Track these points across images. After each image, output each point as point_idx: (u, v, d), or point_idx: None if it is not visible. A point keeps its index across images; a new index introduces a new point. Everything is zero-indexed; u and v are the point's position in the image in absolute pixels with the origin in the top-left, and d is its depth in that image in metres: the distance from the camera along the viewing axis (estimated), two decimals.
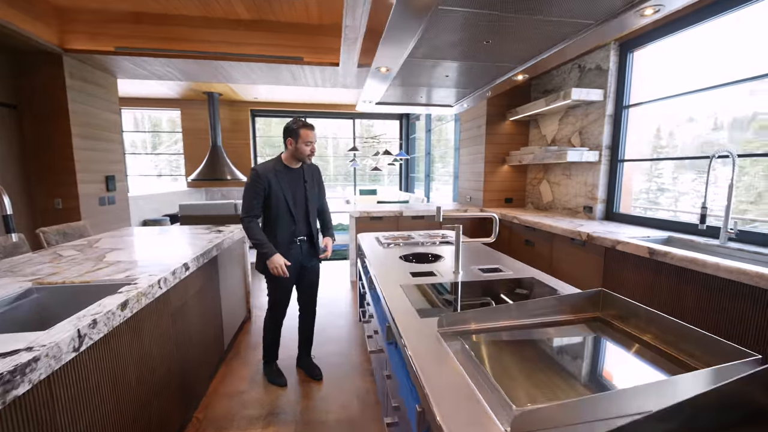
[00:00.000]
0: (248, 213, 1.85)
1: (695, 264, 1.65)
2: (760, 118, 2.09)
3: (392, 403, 1.11)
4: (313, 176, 2.04)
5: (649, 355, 0.88)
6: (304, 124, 1.84)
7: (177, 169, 9.61)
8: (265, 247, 1.84)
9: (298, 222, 1.94)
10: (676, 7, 1.08)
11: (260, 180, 1.83)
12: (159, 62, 3.33)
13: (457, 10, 1.14)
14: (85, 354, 0.97)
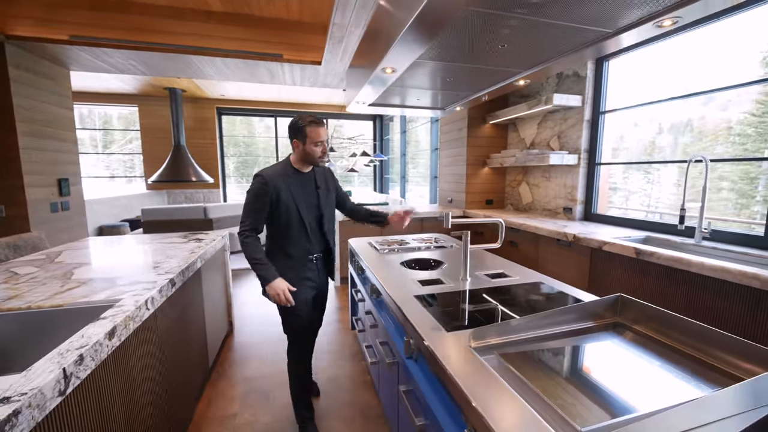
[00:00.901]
0: (249, 227, 1.52)
1: (681, 263, 1.74)
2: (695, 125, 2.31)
3: (417, 422, 1.06)
4: (327, 180, 1.76)
5: (677, 358, 0.90)
6: (312, 120, 1.54)
7: (131, 170, 8.92)
8: (263, 268, 1.50)
9: (312, 236, 1.64)
10: (693, 19, 1.12)
11: (268, 188, 1.51)
12: (121, 54, 3.04)
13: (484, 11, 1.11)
14: (71, 397, 0.83)
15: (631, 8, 1.09)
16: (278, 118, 8.16)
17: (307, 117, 1.56)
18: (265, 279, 1.50)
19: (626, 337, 1.02)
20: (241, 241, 1.52)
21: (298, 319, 1.66)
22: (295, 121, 1.57)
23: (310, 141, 1.54)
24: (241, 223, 1.55)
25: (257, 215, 1.54)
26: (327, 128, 1.53)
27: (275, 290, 1.48)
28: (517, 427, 0.65)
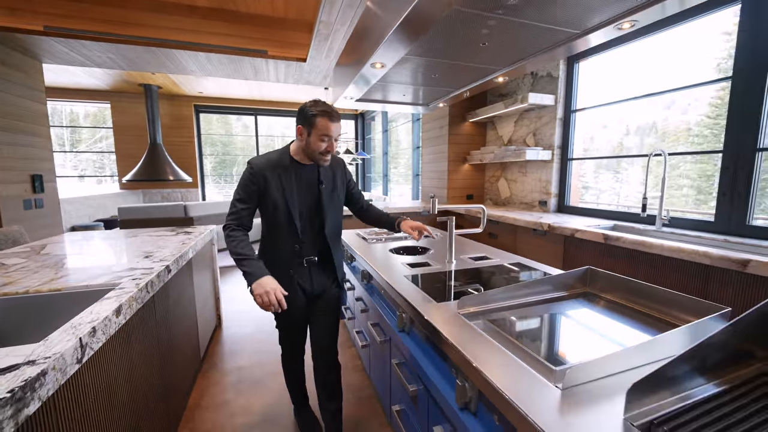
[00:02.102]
0: (233, 220, 1.37)
1: (643, 246, 1.91)
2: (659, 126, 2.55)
3: (410, 389, 1.14)
4: (335, 175, 1.51)
5: (638, 317, 1.03)
6: (325, 110, 1.31)
7: (101, 169, 8.59)
8: (247, 263, 1.30)
9: (304, 237, 1.44)
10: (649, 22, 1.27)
11: (255, 178, 1.35)
12: (100, 47, 2.98)
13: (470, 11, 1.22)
14: (84, 367, 0.86)
15: (594, 12, 1.24)
16: (259, 116, 8.08)
17: (322, 105, 1.33)
18: (252, 275, 1.29)
19: (595, 303, 1.15)
20: (225, 235, 1.37)
21: (286, 325, 1.54)
22: (306, 106, 1.34)
23: (317, 133, 1.32)
24: (227, 217, 1.40)
25: (243, 208, 1.37)
26: (340, 125, 1.37)
27: (263, 288, 1.25)
28: (503, 370, 0.75)
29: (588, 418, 0.60)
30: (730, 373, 0.72)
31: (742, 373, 0.72)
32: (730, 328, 0.68)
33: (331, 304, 1.54)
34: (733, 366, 0.73)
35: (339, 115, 1.36)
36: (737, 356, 0.74)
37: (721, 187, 2.11)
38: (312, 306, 1.53)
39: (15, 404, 0.60)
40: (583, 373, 0.69)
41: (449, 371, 0.95)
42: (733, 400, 0.64)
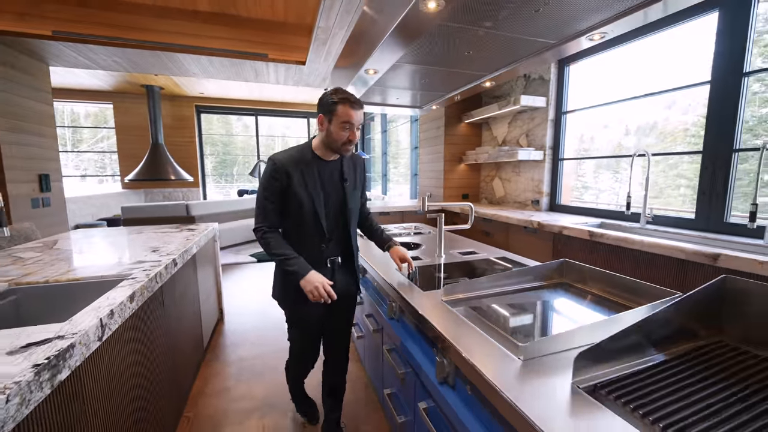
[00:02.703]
0: (261, 222, 1.33)
1: (625, 242, 2.01)
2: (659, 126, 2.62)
3: (398, 371, 1.24)
4: (356, 173, 1.48)
5: (603, 302, 1.13)
6: (346, 97, 1.26)
7: (102, 169, 8.71)
8: (292, 263, 1.29)
9: (330, 236, 1.39)
10: (617, 34, 1.37)
11: (278, 174, 1.30)
12: (106, 51, 3.08)
13: (451, 25, 1.32)
14: (104, 345, 0.96)
15: (567, 26, 1.33)
16: (259, 116, 8.18)
17: (342, 92, 1.28)
18: (298, 273, 1.28)
19: (569, 291, 1.25)
20: (259, 238, 1.34)
21: (305, 333, 1.49)
22: (326, 94, 1.30)
23: (338, 120, 1.26)
24: (255, 219, 1.36)
25: (270, 207, 1.33)
26: (362, 113, 1.33)
27: (312, 284, 1.26)
28: (476, 348, 0.85)
29: (543, 382, 0.70)
30: (674, 348, 0.82)
31: (684, 348, 0.82)
32: (671, 308, 0.78)
33: (350, 304, 1.54)
34: (677, 342, 0.83)
35: (361, 102, 1.30)
36: (682, 333, 0.84)
37: (701, 186, 2.20)
38: (332, 305, 1.45)
39: (51, 369, 0.71)
40: (541, 346, 0.79)
41: (432, 351, 1.05)
42: (669, 369, 0.73)
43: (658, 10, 1.48)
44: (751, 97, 2.03)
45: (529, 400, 0.65)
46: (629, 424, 0.58)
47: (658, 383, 0.69)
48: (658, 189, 2.74)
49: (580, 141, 3.29)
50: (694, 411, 0.61)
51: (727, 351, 0.80)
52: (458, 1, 1.12)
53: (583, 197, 3.31)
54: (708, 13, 2.09)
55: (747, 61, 1.96)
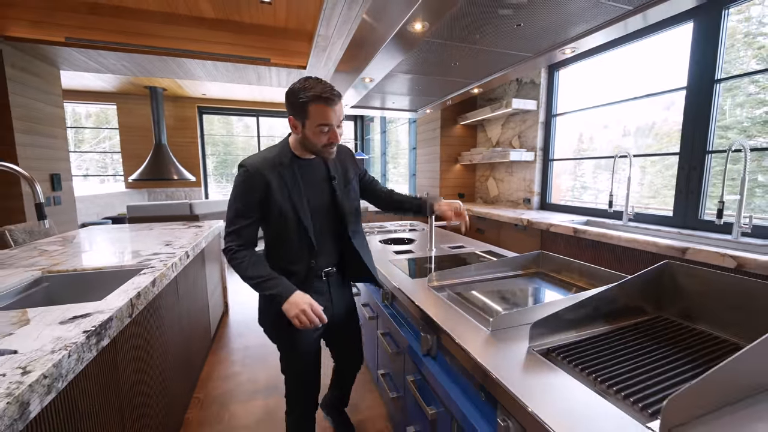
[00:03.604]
0: (235, 240, 1.13)
1: (606, 238, 2.15)
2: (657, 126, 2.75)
3: (390, 350, 1.39)
4: (346, 166, 1.31)
5: (570, 287, 1.27)
6: (318, 95, 1.05)
7: (104, 169, 8.86)
8: (272, 284, 1.10)
9: (320, 246, 1.21)
10: (586, 48, 1.51)
11: (253, 182, 1.11)
12: (115, 56, 3.22)
13: (437, 41, 1.46)
14: (133, 322, 1.11)
15: (541, 40, 1.48)
16: (260, 117, 8.32)
17: (313, 86, 1.06)
18: (280, 296, 1.09)
19: (543, 279, 1.39)
20: (228, 259, 1.13)
21: (301, 365, 1.26)
22: (294, 90, 1.09)
23: (313, 123, 1.08)
24: (224, 237, 1.15)
25: (245, 224, 1.12)
26: (341, 105, 1.13)
27: (298, 307, 1.07)
28: (454, 322, 0.99)
29: (506, 347, 0.84)
30: (620, 321, 0.96)
31: (628, 322, 0.96)
32: (616, 288, 0.93)
33: (356, 324, 1.42)
34: (624, 316, 0.97)
35: (338, 94, 1.08)
36: (628, 310, 0.98)
37: (678, 186, 2.35)
38: (334, 328, 1.33)
39: (96, 336, 0.85)
40: (507, 319, 0.93)
41: (418, 329, 1.19)
42: (612, 337, 0.88)
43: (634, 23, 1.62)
44: (746, 99, 2.15)
45: (493, 361, 0.79)
46: (572, 378, 0.72)
47: (600, 348, 0.83)
48: (655, 189, 2.86)
49: (579, 141, 3.42)
50: (627, 369, 0.75)
51: (665, 324, 0.94)
52: (442, 23, 1.26)
53: (582, 197, 3.43)
54: (685, 23, 2.23)
55: (718, 68, 2.10)
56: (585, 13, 1.32)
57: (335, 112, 1.10)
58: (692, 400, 0.58)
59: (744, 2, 1.98)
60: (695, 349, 0.82)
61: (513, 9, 1.25)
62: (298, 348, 1.24)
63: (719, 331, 0.89)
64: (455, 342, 0.88)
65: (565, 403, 0.64)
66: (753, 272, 1.45)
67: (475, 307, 1.04)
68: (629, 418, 0.60)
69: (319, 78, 1.11)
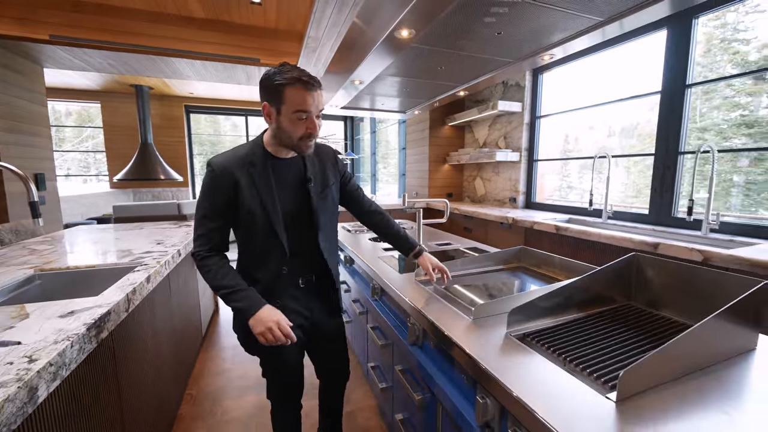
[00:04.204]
0: (203, 244, 1.06)
1: (585, 234, 2.26)
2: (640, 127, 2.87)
3: (380, 343, 1.44)
4: (325, 169, 1.21)
5: (549, 280, 1.35)
6: (295, 77, 0.98)
7: (86, 168, 8.70)
8: (239, 296, 1.03)
9: (295, 252, 1.13)
10: (564, 55, 1.60)
11: (220, 182, 1.04)
12: (102, 54, 3.20)
13: (424, 47, 1.53)
14: (129, 317, 1.14)
15: (521, 47, 1.56)
16: (249, 117, 8.28)
17: (290, 70, 0.99)
18: (246, 311, 1.02)
19: (524, 272, 1.47)
20: (197, 265, 1.07)
21: (282, 371, 1.22)
22: (269, 74, 1.01)
23: (289, 109, 1.00)
24: (193, 241, 1.08)
25: (211, 226, 1.06)
26: (321, 95, 1.05)
27: (264, 324, 0.99)
28: (437, 313, 1.05)
29: (486, 333, 0.91)
30: (591, 309, 1.04)
31: (599, 309, 1.04)
32: (588, 278, 1.01)
33: (339, 332, 1.33)
34: (595, 305, 1.05)
35: (317, 81, 1.02)
36: (599, 299, 1.06)
37: (653, 184, 2.47)
38: (314, 338, 1.26)
39: (96, 328, 0.88)
40: (487, 308, 1.00)
41: (405, 320, 1.25)
42: (583, 323, 0.95)
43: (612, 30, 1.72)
44: (722, 101, 2.26)
45: (473, 346, 0.85)
46: (545, 359, 0.79)
47: (572, 332, 0.90)
48: (638, 189, 2.98)
49: (565, 142, 3.54)
50: (594, 350, 0.83)
51: (632, 312, 1.03)
52: (427, 31, 1.33)
53: (569, 196, 3.54)
54: (660, 30, 2.35)
55: (690, 74, 2.22)
56: (560, 23, 1.40)
57: (314, 99, 1.01)
58: (643, 373, 0.65)
59: (713, 12, 2.11)
60: (656, 332, 0.90)
61: (494, 18, 1.32)
62: (275, 361, 1.20)
63: (680, 317, 0.98)
64: (439, 330, 0.95)
65: (536, 381, 0.71)
66: (717, 265, 1.56)
67: (459, 299, 1.11)
68: (592, 390, 0.67)
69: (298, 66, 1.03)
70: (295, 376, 1.26)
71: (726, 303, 0.74)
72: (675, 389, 0.67)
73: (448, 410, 0.94)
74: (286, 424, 1.31)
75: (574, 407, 0.62)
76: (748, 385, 0.69)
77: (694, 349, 0.71)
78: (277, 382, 1.25)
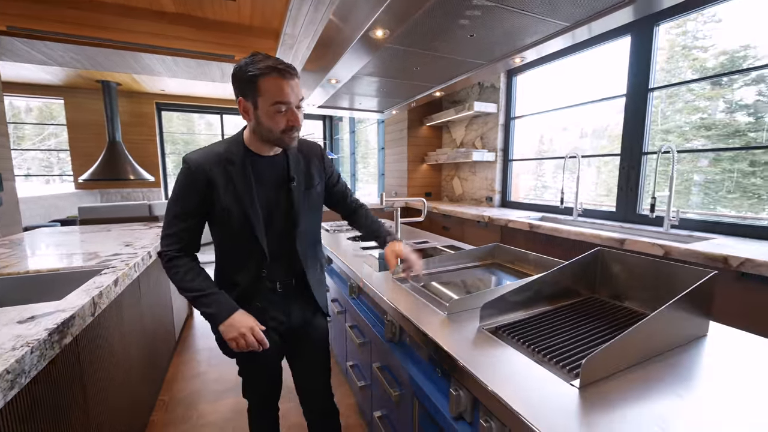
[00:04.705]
0: (171, 243, 1.00)
1: (557, 232, 2.34)
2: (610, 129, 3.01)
3: (358, 341, 1.45)
4: (309, 168, 1.14)
5: (521, 275, 1.40)
6: (270, 65, 0.91)
7: (49, 168, 8.24)
8: (208, 301, 0.98)
9: (275, 256, 1.08)
10: (536, 57, 1.66)
11: (195, 179, 0.98)
12: (64, 47, 3.03)
13: (399, 47, 1.54)
14: (95, 322, 1.09)
15: (493, 49, 1.61)
16: (224, 115, 8.07)
17: (263, 59, 0.92)
18: (216, 316, 0.97)
19: (498, 269, 1.51)
20: (164, 266, 1.01)
21: (257, 376, 1.18)
22: (241, 66, 0.94)
23: (267, 101, 0.93)
24: (161, 240, 1.02)
25: (182, 226, 1.00)
26: (298, 84, 0.97)
27: (236, 329, 0.95)
28: (411, 308, 1.07)
29: (460, 327, 0.94)
30: (559, 302, 1.09)
31: (566, 302, 1.09)
32: (557, 272, 1.05)
33: (319, 337, 1.24)
34: (562, 298, 1.10)
35: (293, 68, 0.95)
36: (566, 292, 1.11)
37: (620, 183, 2.59)
38: (293, 342, 1.20)
39: (59, 333, 0.84)
40: (461, 303, 1.03)
41: (382, 318, 1.27)
42: (551, 315, 1.00)
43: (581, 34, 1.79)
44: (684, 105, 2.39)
45: (447, 340, 0.87)
46: (515, 350, 0.82)
47: (541, 324, 0.94)
48: (608, 188, 3.11)
49: (540, 143, 3.65)
50: (560, 340, 0.86)
51: (597, 304, 1.08)
52: (402, 31, 1.35)
53: (544, 195, 3.64)
54: (624, 36, 2.47)
55: (652, 78, 2.35)
56: (530, 27, 1.46)
57: (292, 88, 0.94)
58: (604, 361, 0.69)
59: (673, 20, 2.24)
60: (618, 322, 0.95)
61: (468, 20, 1.36)
62: (251, 366, 1.17)
63: (641, 307, 1.04)
64: (415, 325, 0.97)
65: (507, 371, 0.73)
66: (677, 259, 1.66)
67: (435, 295, 1.13)
68: (558, 378, 0.70)
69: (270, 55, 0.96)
70: (272, 382, 1.23)
71: (682, 293, 0.79)
72: (634, 375, 0.71)
73: (424, 404, 0.96)
74: (263, 428, 1.28)
75: (541, 396, 0.65)
76: (700, 369, 0.74)
77: (651, 337, 0.76)
78: (254, 388, 1.22)
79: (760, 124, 2.01)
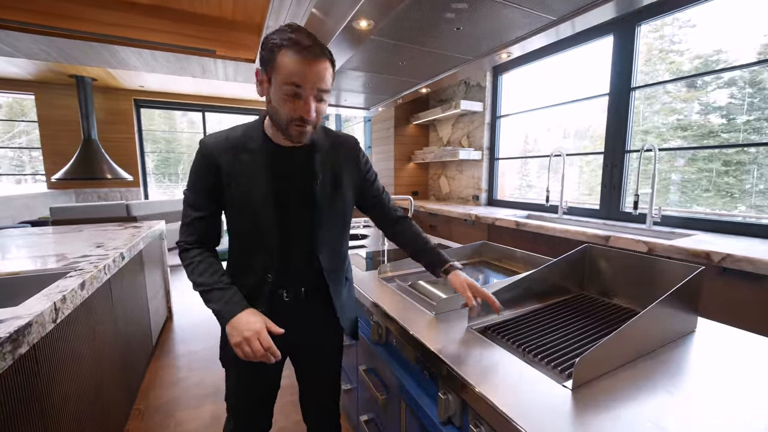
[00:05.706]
0: (187, 235, 0.92)
1: (543, 229, 2.35)
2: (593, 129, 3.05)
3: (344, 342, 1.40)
4: (340, 166, 0.97)
5: (509, 273, 1.38)
6: (294, 39, 0.76)
7: (20, 167, 7.87)
8: (216, 296, 0.86)
9: (283, 259, 0.93)
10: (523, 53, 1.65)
11: (204, 165, 0.89)
12: (32, 39, 2.87)
13: (384, 40, 1.51)
14: (57, 329, 1.01)
15: (479, 44, 1.59)
16: (207, 113, 7.86)
17: (295, 30, 0.78)
18: (222, 315, 0.84)
19: (487, 267, 1.49)
20: (180, 258, 0.93)
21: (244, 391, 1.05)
22: (269, 34, 0.81)
23: (280, 79, 0.78)
24: (179, 229, 0.94)
25: (196, 213, 0.91)
26: (329, 69, 0.79)
27: (240, 334, 0.79)
28: (397, 308, 1.03)
29: (448, 327, 0.90)
30: (548, 300, 1.07)
31: (555, 300, 1.07)
32: (545, 269, 1.03)
33: (329, 356, 1.10)
34: (551, 295, 1.08)
35: (325, 49, 0.80)
36: (555, 289, 1.09)
37: (603, 181, 2.62)
38: (298, 357, 1.08)
39: (12, 343, 0.77)
40: (448, 303, 1.00)
41: (368, 318, 1.23)
42: (541, 314, 0.97)
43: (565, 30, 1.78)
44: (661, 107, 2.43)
45: (434, 341, 0.84)
46: (505, 351, 0.79)
47: (530, 323, 0.92)
48: (591, 187, 3.16)
49: (525, 142, 3.67)
50: (550, 339, 0.84)
51: (586, 301, 1.07)
52: (388, 23, 1.31)
53: (529, 194, 3.66)
54: (607, 35, 2.50)
55: (634, 77, 2.38)
56: (516, 21, 1.45)
57: (315, 71, 0.77)
58: (596, 360, 0.67)
59: (653, 20, 2.27)
60: (609, 320, 0.94)
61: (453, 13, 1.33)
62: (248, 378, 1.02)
63: (630, 304, 1.03)
64: (401, 326, 0.93)
65: (497, 373, 0.70)
66: (660, 255, 1.68)
67: (422, 294, 1.10)
68: (550, 379, 0.68)
69: (310, 32, 0.80)
70: (260, 395, 1.06)
71: (669, 289, 0.78)
72: (626, 373, 0.69)
73: (412, 408, 0.92)
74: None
75: (532, 398, 0.62)
76: (689, 366, 0.73)
77: (642, 335, 0.74)
78: (245, 402, 1.05)
79: (732, 125, 2.07)
